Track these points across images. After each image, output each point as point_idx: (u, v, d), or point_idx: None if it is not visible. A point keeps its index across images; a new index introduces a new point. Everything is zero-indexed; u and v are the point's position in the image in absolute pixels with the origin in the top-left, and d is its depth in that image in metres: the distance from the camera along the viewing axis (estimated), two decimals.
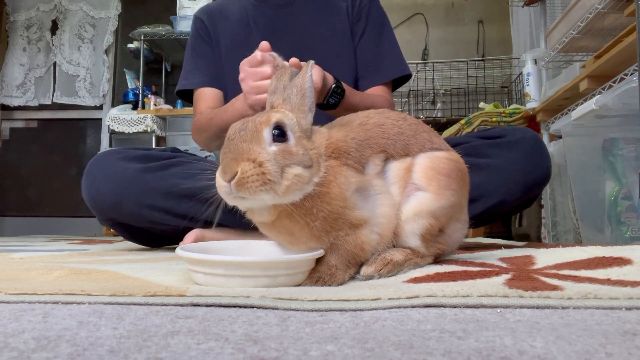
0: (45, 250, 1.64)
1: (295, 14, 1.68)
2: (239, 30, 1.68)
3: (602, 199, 1.90)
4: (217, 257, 0.70)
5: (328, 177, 0.74)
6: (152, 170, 1.29)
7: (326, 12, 1.70)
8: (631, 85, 1.64)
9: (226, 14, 1.73)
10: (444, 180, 0.82)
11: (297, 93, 0.78)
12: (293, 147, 0.72)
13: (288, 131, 0.73)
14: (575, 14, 2.26)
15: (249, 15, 1.69)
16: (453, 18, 4.61)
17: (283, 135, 0.72)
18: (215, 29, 1.71)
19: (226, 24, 1.71)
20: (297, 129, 0.74)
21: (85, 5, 4.76)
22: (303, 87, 0.78)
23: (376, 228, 0.79)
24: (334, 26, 1.68)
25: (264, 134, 0.71)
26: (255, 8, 1.69)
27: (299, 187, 0.71)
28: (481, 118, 3.15)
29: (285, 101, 0.79)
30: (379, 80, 1.66)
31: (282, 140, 0.72)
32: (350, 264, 0.78)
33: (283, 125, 0.72)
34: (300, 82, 0.79)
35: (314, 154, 0.74)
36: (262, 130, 0.71)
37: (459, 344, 0.41)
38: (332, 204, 0.73)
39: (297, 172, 0.71)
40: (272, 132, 0.72)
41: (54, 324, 0.49)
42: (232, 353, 0.39)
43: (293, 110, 0.77)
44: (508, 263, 0.89)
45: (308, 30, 1.66)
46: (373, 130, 0.83)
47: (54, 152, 4.67)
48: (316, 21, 1.68)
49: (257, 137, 0.71)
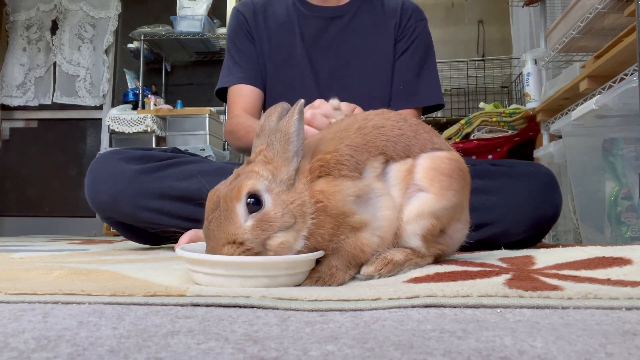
0: (45, 250, 1.64)
1: (342, 28, 1.63)
2: (283, 35, 1.63)
3: (602, 199, 1.90)
4: (217, 257, 0.70)
5: (320, 207, 0.72)
6: (149, 172, 1.30)
7: (373, 28, 1.64)
8: (631, 85, 1.64)
9: (271, 14, 1.66)
10: (446, 180, 0.82)
11: (281, 139, 0.73)
12: (271, 211, 0.70)
13: (263, 195, 0.70)
14: (575, 14, 2.26)
15: (294, 22, 1.63)
16: (453, 18, 4.61)
17: (258, 203, 0.70)
18: (258, 27, 1.64)
19: (270, 25, 1.64)
20: (275, 186, 0.71)
21: (85, 5, 4.76)
22: (287, 132, 0.73)
23: (377, 231, 0.79)
24: (378, 44, 1.63)
25: (237, 210, 0.69)
26: (303, 17, 1.63)
27: (287, 251, 0.71)
28: (481, 118, 3.15)
29: (268, 146, 0.75)
30: (411, 104, 1.61)
31: (258, 209, 0.70)
32: (350, 265, 0.78)
33: (256, 192, 0.70)
34: (284, 127, 0.73)
35: (296, 207, 0.71)
36: (235, 207, 0.69)
37: (459, 344, 0.41)
38: (333, 222, 0.73)
39: (280, 241, 0.70)
40: (247, 201, 0.70)
41: (54, 324, 0.49)
42: (232, 353, 0.39)
43: (274, 157, 0.73)
44: (508, 263, 0.89)
45: (351, 46, 1.62)
46: (372, 133, 0.82)
47: (54, 152, 4.68)
48: (361, 38, 1.63)
49: (230, 216, 0.69)
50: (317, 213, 0.72)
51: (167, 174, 1.30)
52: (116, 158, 1.34)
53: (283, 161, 0.73)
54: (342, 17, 1.63)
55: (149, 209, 1.30)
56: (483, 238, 1.19)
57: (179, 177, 1.29)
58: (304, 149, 0.76)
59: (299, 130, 0.73)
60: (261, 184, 0.71)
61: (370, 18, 1.65)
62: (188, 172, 1.30)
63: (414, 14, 1.66)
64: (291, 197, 0.71)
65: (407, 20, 1.64)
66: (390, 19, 1.65)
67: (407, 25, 1.64)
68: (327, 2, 1.65)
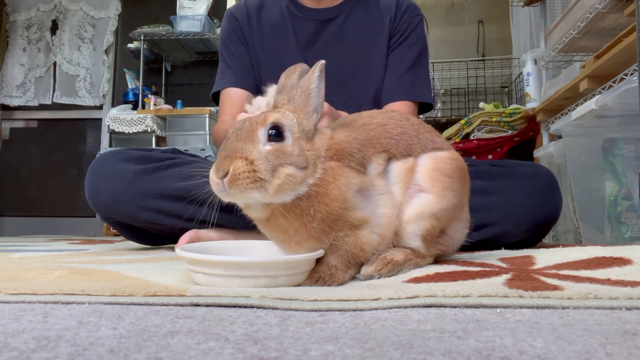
0: (45, 250, 1.64)
1: (337, 30, 1.60)
2: (277, 39, 1.60)
3: (602, 199, 1.90)
4: (216, 257, 0.70)
5: (327, 178, 0.74)
6: (148, 172, 1.30)
7: (369, 28, 1.61)
8: (631, 85, 1.64)
9: (264, 18, 1.63)
10: (447, 181, 0.82)
11: (302, 94, 0.78)
12: (289, 147, 0.72)
13: (286, 131, 0.73)
14: (575, 14, 2.26)
15: (288, 26, 1.60)
16: (453, 18, 4.61)
17: (279, 136, 0.72)
18: (252, 31, 1.62)
19: (263, 29, 1.62)
20: (297, 130, 0.74)
21: (85, 5, 4.76)
22: (308, 88, 0.77)
23: (377, 229, 0.79)
24: (374, 45, 1.60)
25: (259, 133, 0.72)
26: (297, 20, 1.60)
27: (291, 187, 0.71)
28: (481, 118, 3.15)
29: (289, 101, 0.79)
30: (408, 97, 1.56)
31: (278, 140, 0.72)
32: (350, 264, 0.78)
33: (280, 126, 0.73)
34: (306, 83, 0.78)
35: (311, 155, 0.74)
36: (257, 129, 0.72)
37: (459, 344, 0.41)
38: (330, 205, 0.73)
39: (289, 172, 0.71)
40: (269, 132, 0.72)
41: (54, 324, 0.49)
42: (232, 353, 0.39)
43: (296, 110, 0.77)
44: (508, 263, 0.89)
45: (346, 47, 1.59)
46: (376, 130, 0.83)
47: (54, 152, 4.68)
48: (357, 39, 1.60)
49: (251, 136, 0.72)
50: (322, 183, 0.74)
51: (167, 174, 1.30)
52: (116, 158, 1.34)
53: (304, 114, 0.77)
54: (336, 19, 1.60)
55: (149, 209, 1.30)
56: (483, 239, 1.19)
57: (178, 177, 1.29)
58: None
59: (319, 87, 0.78)
60: (286, 121, 0.74)
61: (365, 17, 1.62)
62: (188, 172, 1.30)
63: (408, 9, 1.63)
64: (308, 146, 0.75)
65: (402, 15, 1.62)
66: (385, 15, 1.62)
67: (402, 20, 1.61)
68: (320, 3, 1.61)
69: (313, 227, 0.74)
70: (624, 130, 1.86)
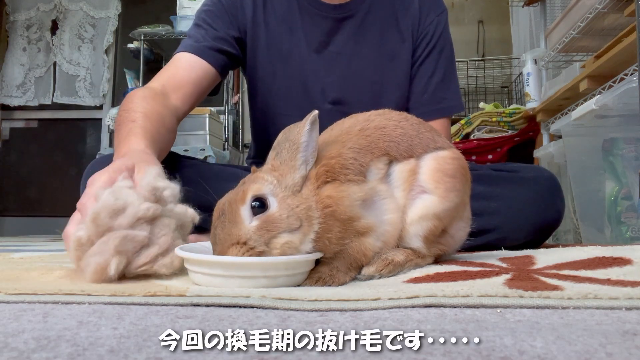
0: (45, 250, 1.64)
1: (351, 30, 1.42)
2: (282, 35, 1.41)
3: (602, 199, 1.90)
4: (216, 258, 0.70)
5: (331, 207, 0.73)
6: None
7: (387, 31, 1.44)
8: (631, 85, 1.65)
9: (270, 9, 1.42)
10: (450, 182, 0.82)
11: (289, 148, 0.74)
12: (276, 213, 0.70)
13: (268, 198, 0.71)
14: (575, 14, 2.26)
15: (297, 20, 1.41)
16: (453, 18, 4.57)
17: (263, 206, 0.71)
18: (255, 23, 1.40)
19: (268, 20, 1.41)
20: (280, 190, 0.72)
21: (85, 5, 4.76)
22: (297, 142, 0.73)
23: (382, 237, 0.79)
24: (391, 49, 1.44)
25: (242, 213, 0.70)
26: (309, 15, 1.41)
27: (292, 251, 0.71)
28: (481, 118, 3.15)
29: (277, 155, 0.76)
30: (439, 114, 1.44)
31: (263, 211, 0.70)
32: (351, 267, 0.78)
33: (261, 195, 0.71)
34: (295, 137, 0.74)
35: (302, 210, 0.71)
36: (239, 210, 0.70)
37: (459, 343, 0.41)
38: (341, 226, 0.73)
39: (284, 241, 0.70)
40: (252, 204, 0.70)
41: (54, 324, 0.49)
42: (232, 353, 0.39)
43: (280, 166, 0.74)
44: (508, 263, 0.88)
45: (362, 51, 1.43)
46: (374, 134, 0.82)
47: (54, 152, 4.68)
48: (374, 41, 1.44)
49: (235, 219, 0.70)
50: (325, 218, 0.72)
51: None
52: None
53: (289, 169, 0.73)
54: (353, 17, 1.42)
55: None
56: (484, 243, 1.17)
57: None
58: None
59: (308, 141, 0.74)
60: (266, 188, 0.71)
61: (384, 15, 1.44)
62: (186, 175, 1.29)
63: (433, 7, 1.47)
64: (297, 202, 0.72)
65: (427, 13, 1.45)
66: (406, 18, 1.45)
67: (427, 19, 1.45)
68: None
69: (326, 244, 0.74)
70: (624, 130, 1.86)
